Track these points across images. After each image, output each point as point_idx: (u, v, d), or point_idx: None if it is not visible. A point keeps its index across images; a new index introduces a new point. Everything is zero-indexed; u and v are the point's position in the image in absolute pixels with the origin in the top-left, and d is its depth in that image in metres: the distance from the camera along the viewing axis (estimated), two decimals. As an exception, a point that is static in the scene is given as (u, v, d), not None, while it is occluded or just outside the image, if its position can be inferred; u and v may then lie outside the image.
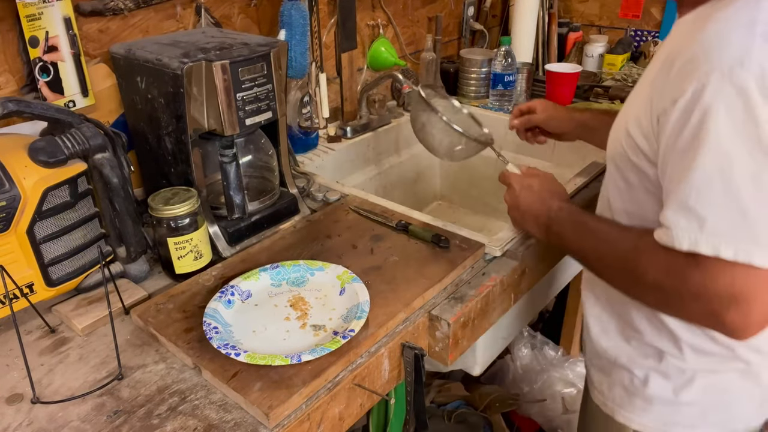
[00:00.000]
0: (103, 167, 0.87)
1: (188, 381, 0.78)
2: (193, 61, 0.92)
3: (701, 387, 0.84)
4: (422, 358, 0.86)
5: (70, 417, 0.72)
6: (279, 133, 1.12)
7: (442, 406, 1.82)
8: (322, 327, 0.84)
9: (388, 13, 1.69)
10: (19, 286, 0.84)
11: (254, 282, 0.92)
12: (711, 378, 0.83)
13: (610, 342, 0.91)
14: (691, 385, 0.84)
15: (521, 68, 1.73)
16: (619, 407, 0.92)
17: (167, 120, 0.99)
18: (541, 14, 1.88)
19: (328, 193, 1.22)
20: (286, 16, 1.29)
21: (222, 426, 0.71)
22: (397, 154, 1.67)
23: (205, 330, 0.80)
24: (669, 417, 0.87)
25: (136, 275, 0.97)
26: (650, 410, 0.88)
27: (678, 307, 0.73)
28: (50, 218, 0.85)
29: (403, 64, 1.69)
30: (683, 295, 0.70)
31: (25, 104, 0.82)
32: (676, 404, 0.86)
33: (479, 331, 0.97)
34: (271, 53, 1.00)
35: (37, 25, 1.01)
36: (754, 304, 0.66)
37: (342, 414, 0.79)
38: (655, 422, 0.88)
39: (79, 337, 0.86)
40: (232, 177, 1.01)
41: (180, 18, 1.24)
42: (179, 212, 0.93)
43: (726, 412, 0.86)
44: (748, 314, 0.66)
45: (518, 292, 1.05)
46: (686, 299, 0.70)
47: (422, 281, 0.93)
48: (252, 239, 1.08)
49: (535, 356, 1.92)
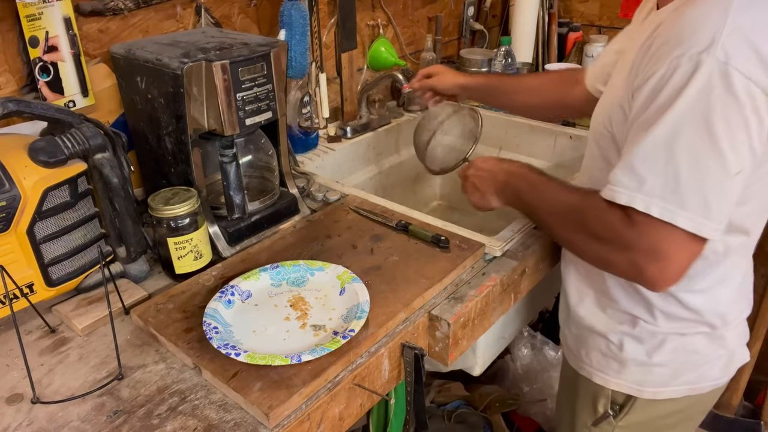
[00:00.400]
0: (103, 167, 0.87)
1: (188, 381, 0.78)
2: (193, 61, 0.92)
3: (672, 349, 0.92)
4: (422, 358, 0.86)
5: (70, 417, 0.72)
6: (279, 133, 1.12)
7: (442, 406, 1.82)
8: (322, 327, 0.84)
9: (388, 13, 1.69)
10: (19, 286, 0.84)
11: (254, 282, 0.92)
12: (680, 340, 0.91)
13: (587, 311, 0.98)
14: (662, 348, 0.92)
15: (521, 68, 1.73)
16: (596, 370, 1.00)
17: (167, 120, 0.99)
18: (541, 14, 1.88)
19: (328, 193, 1.22)
20: (286, 16, 1.29)
21: (222, 426, 0.71)
22: (397, 154, 1.67)
23: (205, 330, 0.80)
24: (643, 377, 0.95)
25: (136, 275, 0.97)
26: (625, 371, 0.96)
27: (609, 259, 0.81)
28: (50, 218, 0.85)
29: (403, 64, 1.69)
30: (615, 247, 0.79)
31: (25, 104, 0.82)
32: (649, 365, 0.94)
33: (479, 331, 0.97)
34: (271, 53, 1.00)
35: (37, 25, 1.01)
36: (671, 261, 0.75)
37: (342, 414, 0.79)
38: (630, 382, 0.97)
39: (79, 337, 0.86)
40: (232, 177, 1.01)
41: (180, 18, 1.24)
42: (179, 212, 0.93)
43: (695, 371, 0.94)
44: (665, 270, 0.75)
45: (518, 292, 1.05)
46: (617, 251, 0.79)
47: (422, 281, 0.93)
48: (252, 239, 1.08)
49: (535, 356, 1.92)
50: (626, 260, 0.78)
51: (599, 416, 1.02)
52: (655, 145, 0.73)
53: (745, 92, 0.69)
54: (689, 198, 0.72)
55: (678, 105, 0.71)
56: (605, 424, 1.03)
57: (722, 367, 0.96)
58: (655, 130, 0.73)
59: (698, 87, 0.69)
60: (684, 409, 0.99)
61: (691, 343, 0.92)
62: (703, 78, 0.69)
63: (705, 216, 0.72)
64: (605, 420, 1.02)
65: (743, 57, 0.69)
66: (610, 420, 1.02)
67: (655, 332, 0.92)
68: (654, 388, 0.96)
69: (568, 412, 1.12)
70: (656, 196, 0.73)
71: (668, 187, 0.73)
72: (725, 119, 0.70)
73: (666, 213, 0.73)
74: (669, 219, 0.73)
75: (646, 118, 0.74)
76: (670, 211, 0.73)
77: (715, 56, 0.69)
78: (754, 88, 0.69)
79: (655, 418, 1.00)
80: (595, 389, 1.02)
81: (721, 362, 0.95)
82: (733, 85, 0.69)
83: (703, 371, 0.95)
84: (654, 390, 0.96)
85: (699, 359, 0.94)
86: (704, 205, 0.72)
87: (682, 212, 0.72)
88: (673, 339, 0.92)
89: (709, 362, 0.94)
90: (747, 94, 0.69)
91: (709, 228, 0.73)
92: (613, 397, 1.00)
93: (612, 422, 1.02)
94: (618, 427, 1.01)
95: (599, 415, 1.02)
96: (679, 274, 0.76)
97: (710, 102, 0.69)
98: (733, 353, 0.96)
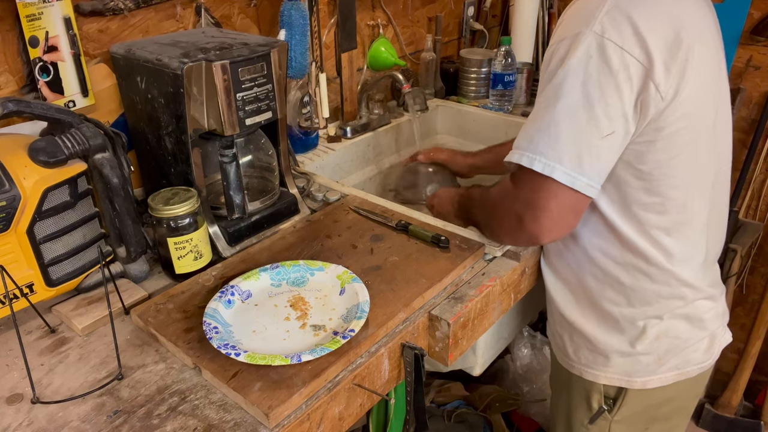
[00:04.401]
0: (103, 167, 0.87)
1: (188, 381, 0.78)
2: (193, 61, 0.92)
3: (654, 336, 0.96)
4: (422, 358, 0.86)
5: (70, 417, 0.72)
6: (279, 133, 1.12)
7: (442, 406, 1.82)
8: (322, 327, 0.84)
9: (388, 13, 1.69)
10: (19, 286, 0.84)
11: (254, 282, 0.92)
12: (660, 326, 0.96)
13: (569, 309, 1.03)
14: (644, 336, 0.96)
15: (521, 68, 1.73)
16: (585, 367, 1.04)
17: (167, 120, 0.99)
18: (541, 14, 1.87)
19: (328, 193, 1.22)
20: (286, 16, 1.29)
21: (222, 426, 0.71)
22: (397, 154, 1.67)
23: (205, 330, 0.80)
24: (630, 367, 0.99)
25: (136, 275, 0.97)
26: (612, 364, 1.00)
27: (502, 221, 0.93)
28: (50, 218, 0.85)
29: (403, 64, 1.69)
30: (505, 208, 0.91)
31: (25, 104, 0.82)
32: (633, 355, 0.98)
33: (479, 331, 0.97)
34: (271, 53, 1.00)
35: (37, 25, 1.01)
36: (546, 210, 0.85)
37: (342, 414, 0.79)
38: (619, 374, 1.00)
39: (79, 337, 0.86)
40: (232, 177, 1.01)
41: (180, 18, 1.24)
42: (179, 212, 0.93)
43: (678, 356, 0.98)
44: (540, 218, 0.86)
45: (518, 292, 1.05)
46: (506, 211, 0.91)
47: (422, 281, 0.93)
48: (252, 239, 1.08)
49: (535, 356, 1.92)
50: (513, 213, 0.89)
51: (594, 413, 1.04)
52: (543, 107, 0.84)
53: (619, 61, 0.78)
54: (566, 154, 0.82)
55: (561, 72, 0.81)
56: (601, 420, 1.04)
57: (705, 350, 1.00)
58: (544, 94, 0.84)
59: (578, 56, 0.80)
60: (675, 396, 1.02)
61: (673, 328, 0.96)
62: (582, 48, 0.80)
63: (578, 171, 0.82)
64: (601, 415, 1.04)
65: (617, 30, 0.78)
66: (605, 415, 1.04)
67: (634, 318, 0.96)
68: (643, 378, 0.99)
69: (563, 413, 1.13)
70: (539, 152, 0.83)
71: (549, 145, 0.82)
72: (599, 85, 0.79)
73: (546, 168, 0.82)
74: (549, 173, 0.82)
75: (541, 90, 0.86)
76: (550, 166, 0.82)
77: (593, 30, 0.79)
78: (629, 57, 0.78)
79: (648, 408, 1.03)
80: (587, 386, 1.04)
81: (702, 345, 0.99)
82: (607, 54, 0.78)
83: (686, 355, 0.99)
84: (643, 380, 0.99)
85: (681, 344, 0.97)
86: (578, 161, 0.82)
87: (560, 167, 0.82)
88: (653, 324, 0.96)
89: (690, 345, 0.98)
90: (621, 62, 0.78)
91: (582, 182, 0.82)
92: (605, 391, 1.03)
93: (608, 417, 1.04)
94: (614, 421, 1.03)
95: (594, 411, 1.04)
96: (555, 224, 0.86)
97: (588, 69, 0.79)
98: (714, 334, 1.00)
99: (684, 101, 0.81)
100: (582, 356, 1.03)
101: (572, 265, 1.00)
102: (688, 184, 0.89)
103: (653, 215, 0.89)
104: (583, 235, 0.96)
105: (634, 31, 0.78)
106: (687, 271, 0.94)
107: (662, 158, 0.85)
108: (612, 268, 0.95)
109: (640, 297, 0.95)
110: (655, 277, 0.93)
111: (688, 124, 0.83)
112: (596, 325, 1.00)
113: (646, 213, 0.89)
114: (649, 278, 0.93)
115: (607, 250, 0.94)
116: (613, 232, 0.92)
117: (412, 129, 1.58)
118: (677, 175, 0.87)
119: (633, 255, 0.92)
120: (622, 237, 0.91)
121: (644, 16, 0.78)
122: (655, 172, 0.86)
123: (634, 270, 0.93)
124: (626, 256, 0.93)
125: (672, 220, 0.90)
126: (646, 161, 0.85)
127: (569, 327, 1.04)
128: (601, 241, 0.94)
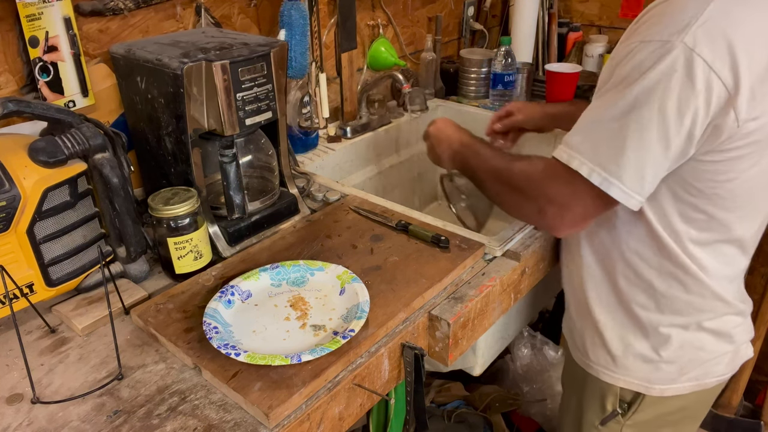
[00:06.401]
0: (103, 167, 0.86)
1: (188, 381, 0.78)
2: (193, 61, 0.92)
3: (678, 344, 0.94)
4: (422, 358, 0.86)
5: (70, 417, 0.72)
6: (279, 133, 1.12)
7: (442, 406, 1.82)
8: (322, 327, 0.84)
9: (388, 13, 1.69)
10: (19, 286, 0.84)
11: (254, 282, 0.92)
12: (685, 335, 0.94)
13: (593, 309, 1.00)
14: (668, 344, 0.94)
15: (521, 68, 1.73)
16: (603, 368, 1.01)
17: (167, 120, 0.99)
18: (541, 14, 1.87)
19: (328, 193, 1.22)
20: (286, 16, 1.29)
21: (222, 426, 0.71)
22: (397, 154, 1.67)
23: (205, 330, 0.80)
24: (651, 374, 0.97)
25: (136, 275, 0.97)
26: (633, 369, 0.98)
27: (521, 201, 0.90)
28: (50, 218, 0.85)
29: (403, 64, 1.69)
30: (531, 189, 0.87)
31: (25, 104, 0.82)
32: (656, 362, 0.96)
33: (479, 331, 0.97)
34: (271, 53, 1.00)
35: (37, 25, 1.01)
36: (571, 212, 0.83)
37: (342, 414, 0.79)
38: (638, 380, 0.98)
39: (79, 337, 0.86)
40: (232, 177, 1.01)
41: (180, 18, 1.24)
42: (179, 212, 0.93)
43: (700, 367, 0.96)
44: (564, 217, 0.84)
45: (518, 292, 1.05)
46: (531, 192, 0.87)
47: (422, 281, 0.93)
48: (252, 239, 1.08)
49: (535, 356, 1.92)
50: (535, 204, 0.86)
51: (607, 415, 1.03)
52: (611, 114, 0.78)
53: (704, 80, 0.72)
54: (627, 171, 0.77)
55: (640, 82, 0.75)
56: (613, 423, 1.03)
57: (727, 363, 0.98)
58: (617, 101, 0.77)
59: (662, 68, 0.73)
60: (689, 405, 1.01)
61: (698, 339, 0.94)
62: (669, 61, 0.73)
63: (637, 191, 0.79)
64: (613, 419, 1.03)
65: (710, 46, 0.71)
66: (618, 419, 1.02)
67: (659, 326, 0.94)
68: (662, 386, 0.97)
69: (573, 411, 1.12)
70: (599, 164, 0.79)
71: (612, 159, 0.78)
72: (678, 103, 0.73)
73: (604, 183, 0.79)
74: (605, 189, 0.79)
75: (610, 88, 0.79)
76: (608, 182, 0.78)
77: (683, 41, 0.72)
78: (715, 79, 0.72)
79: (661, 415, 1.01)
80: (603, 387, 1.02)
81: (726, 358, 0.97)
82: (694, 71, 0.72)
83: (708, 367, 0.97)
84: (662, 387, 0.98)
85: (705, 356, 0.95)
86: (640, 182, 0.78)
87: (618, 184, 0.78)
88: (678, 334, 0.94)
89: (714, 358, 0.96)
90: (705, 82, 0.72)
91: (635, 201, 0.79)
92: (621, 395, 1.01)
93: (620, 420, 1.02)
94: (626, 425, 1.02)
95: (607, 413, 1.03)
96: (577, 224, 0.85)
97: (670, 84, 0.73)
98: (738, 349, 0.98)
99: (758, 129, 0.76)
100: (601, 357, 1.01)
101: (605, 265, 0.97)
102: (740, 207, 0.85)
103: (694, 231, 0.86)
104: (621, 237, 0.92)
105: (729, 50, 0.71)
106: (722, 285, 0.92)
107: (720, 179, 0.81)
108: (646, 273, 0.92)
109: (670, 304, 0.93)
110: (690, 288, 0.91)
111: (754, 150, 0.79)
112: (621, 326, 0.98)
113: (688, 227, 0.86)
114: (683, 287, 0.91)
115: (645, 254, 0.91)
116: (654, 238, 0.89)
117: (411, 129, 1.58)
118: (729, 197, 0.83)
119: (671, 263, 0.90)
120: (661, 244, 0.89)
121: (742, 36, 0.72)
122: (708, 191, 0.82)
123: (669, 277, 0.91)
124: (663, 263, 0.90)
125: (712, 238, 0.87)
126: (701, 179, 0.81)
127: (592, 326, 1.01)
128: (639, 245, 0.91)
